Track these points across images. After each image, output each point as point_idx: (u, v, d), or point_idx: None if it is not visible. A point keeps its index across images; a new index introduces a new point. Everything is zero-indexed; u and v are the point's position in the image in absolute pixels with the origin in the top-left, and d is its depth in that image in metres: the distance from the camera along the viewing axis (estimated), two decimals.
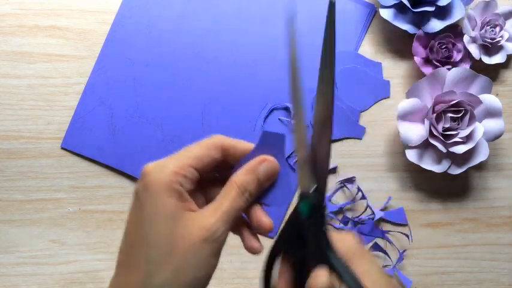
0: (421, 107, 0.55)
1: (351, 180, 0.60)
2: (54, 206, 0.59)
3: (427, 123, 0.54)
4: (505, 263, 0.60)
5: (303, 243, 0.32)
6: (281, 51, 0.60)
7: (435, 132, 0.54)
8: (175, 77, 0.59)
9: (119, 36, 0.60)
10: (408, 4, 0.55)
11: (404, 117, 0.55)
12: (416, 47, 0.57)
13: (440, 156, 0.56)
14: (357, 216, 0.59)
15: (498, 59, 0.58)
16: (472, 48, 0.57)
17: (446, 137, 0.54)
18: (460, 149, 0.54)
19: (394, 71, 0.60)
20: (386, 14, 0.57)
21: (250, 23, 0.60)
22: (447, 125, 0.54)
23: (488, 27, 0.57)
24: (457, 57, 0.58)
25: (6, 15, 0.60)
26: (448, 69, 0.55)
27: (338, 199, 0.60)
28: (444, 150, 0.54)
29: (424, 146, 0.56)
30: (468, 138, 0.54)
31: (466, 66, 0.58)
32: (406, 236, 0.59)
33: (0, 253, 0.59)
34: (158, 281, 0.27)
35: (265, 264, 0.34)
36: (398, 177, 0.60)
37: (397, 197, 0.59)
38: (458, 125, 0.54)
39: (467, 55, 0.58)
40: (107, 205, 0.59)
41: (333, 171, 0.60)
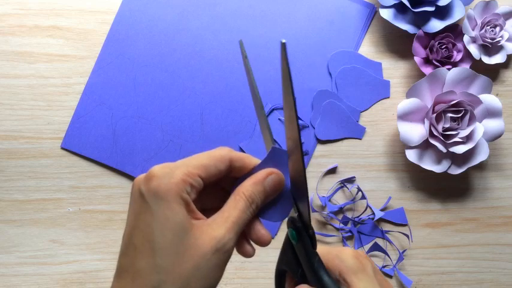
0: (421, 107, 0.55)
1: (351, 180, 0.60)
2: (54, 206, 0.59)
3: (427, 123, 0.54)
4: (505, 263, 0.60)
5: (300, 264, 0.33)
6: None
7: (435, 132, 0.54)
8: (175, 77, 0.59)
9: (119, 36, 0.60)
10: (408, 4, 0.55)
11: (404, 117, 0.55)
12: (416, 47, 0.57)
13: (440, 156, 0.56)
14: (357, 216, 0.59)
15: (498, 59, 0.58)
16: (472, 48, 0.57)
17: (446, 137, 0.54)
18: (460, 149, 0.54)
19: (394, 71, 0.60)
20: (386, 14, 0.57)
21: (250, 22, 0.60)
22: (447, 125, 0.54)
23: (488, 27, 0.57)
24: (457, 57, 0.58)
25: (6, 15, 0.60)
26: (448, 69, 0.55)
27: (338, 199, 0.60)
28: (444, 150, 0.54)
29: (424, 146, 0.56)
30: (468, 138, 0.54)
31: (466, 66, 0.58)
32: (406, 236, 0.59)
33: (0, 253, 0.59)
34: None
35: (275, 283, 0.35)
36: (398, 177, 0.60)
37: (397, 197, 0.60)
38: (458, 125, 0.54)
39: (467, 55, 0.58)
40: (106, 205, 0.59)
41: (333, 171, 0.60)
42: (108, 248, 0.59)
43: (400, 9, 0.58)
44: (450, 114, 0.53)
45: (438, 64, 0.57)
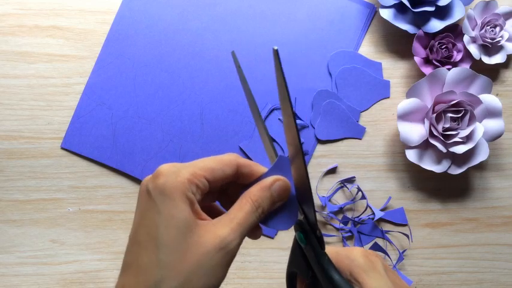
0: (421, 107, 0.55)
1: (351, 180, 0.60)
2: (54, 206, 0.59)
3: (427, 123, 0.54)
4: (505, 263, 0.60)
5: (310, 266, 0.33)
6: (281, 51, 0.59)
7: (435, 132, 0.54)
8: (175, 77, 0.59)
9: (118, 36, 0.60)
10: (408, 4, 0.55)
11: (404, 117, 0.55)
12: (417, 47, 0.57)
13: (440, 156, 0.56)
14: (357, 216, 0.59)
15: (498, 59, 0.58)
16: (472, 48, 0.57)
17: (446, 137, 0.54)
18: (460, 149, 0.54)
19: (394, 71, 0.60)
20: (386, 14, 0.57)
21: (250, 22, 0.60)
22: (447, 125, 0.54)
23: (488, 27, 0.57)
24: (457, 57, 0.58)
25: (6, 15, 0.60)
26: (448, 69, 0.55)
27: (338, 199, 0.60)
28: (444, 150, 0.54)
29: (424, 146, 0.56)
30: (468, 138, 0.54)
31: (466, 66, 0.58)
32: (406, 236, 0.59)
33: (0, 253, 0.59)
34: (168, 286, 0.26)
35: (287, 285, 0.36)
36: (398, 177, 0.60)
37: (397, 197, 0.60)
38: (458, 125, 0.54)
39: (467, 55, 0.58)
40: (106, 205, 0.59)
41: (333, 171, 0.60)
42: (108, 248, 0.59)
43: (400, 9, 0.58)
44: (450, 114, 0.53)
45: (438, 64, 0.57)
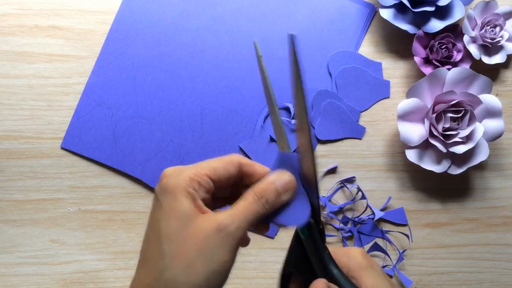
0: (421, 107, 0.55)
1: (351, 180, 0.60)
2: (54, 206, 0.59)
3: (427, 123, 0.54)
4: (505, 263, 0.60)
5: (309, 261, 0.34)
6: (281, 51, 0.60)
7: (435, 132, 0.54)
8: (175, 77, 0.59)
9: (118, 36, 0.60)
10: (408, 4, 0.55)
11: (404, 117, 0.55)
12: (417, 47, 0.57)
13: (440, 156, 0.56)
14: (357, 216, 0.59)
15: (498, 59, 0.58)
16: (472, 48, 0.57)
17: (446, 137, 0.54)
18: (460, 149, 0.54)
19: (394, 71, 0.60)
20: (386, 14, 0.57)
21: (250, 22, 0.60)
22: (447, 125, 0.54)
23: (488, 27, 0.57)
24: (457, 57, 0.58)
25: (6, 15, 0.60)
26: (448, 69, 0.55)
27: (338, 199, 0.60)
28: (444, 150, 0.54)
29: (424, 146, 0.56)
30: (468, 138, 0.54)
31: (466, 66, 0.58)
32: (406, 236, 0.59)
33: (0, 253, 0.59)
34: (170, 275, 0.27)
35: (279, 283, 0.36)
36: (398, 177, 0.60)
37: (397, 196, 0.60)
38: (458, 125, 0.54)
39: (467, 55, 0.58)
40: (106, 205, 0.59)
41: (333, 171, 0.60)
42: (108, 248, 0.59)
43: (400, 9, 0.58)
44: (450, 114, 0.53)
45: (438, 64, 0.57)
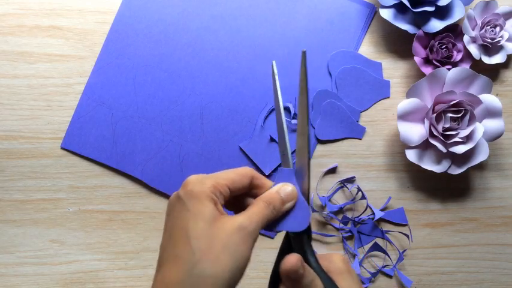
0: (421, 107, 0.55)
1: (351, 180, 0.60)
2: (54, 206, 0.59)
3: (427, 123, 0.54)
4: (505, 263, 0.60)
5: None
6: (281, 51, 0.60)
7: (435, 132, 0.54)
8: (175, 77, 0.59)
9: (118, 36, 0.60)
10: (408, 4, 0.55)
11: (404, 117, 0.55)
12: (416, 47, 0.57)
13: (440, 156, 0.56)
14: (357, 216, 0.59)
15: (498, 59, 0.58)
16: (472, 48, 0.57)
17: (446, 137, 0.54)
18: (460, 149, 0.54)
19: (394, 71, 0.60)
20: (386, 14, 0.57)
21: (250, 22, 0.60)
22: (447, 125, 0.54)
23: (488, 27, 0.57)
24: (457, 57, 0.58)
25: (6, 15, 0.60)
26: (448, 69, 0.55)
27: (338, 199, 0.60)
28: (444, 150, 0.54)
29: (424, 146, 0.56)
30: (468, 138, 0.54)
31: (466, 66, 0.58)
32: (406, 236, 0.59)
33: (0, 253, 0.59)
34: (200, 269, 0.31)
35: (270, 280, 0.38)
36: (398, 177, 0.60)
37: (396, 197, 0.60)
38: (458, 125, 0.54)
39: (467, 55, 0.58)
40: (106, 205, 0.59)
41: (333, 171, 0.60)
42: (108, 248, 0.59)
43: (400, 9, 0.58)
44: (450, 114, 0.53)
45: (438, 64, 0.57)
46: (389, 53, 0.61)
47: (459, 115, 0.54)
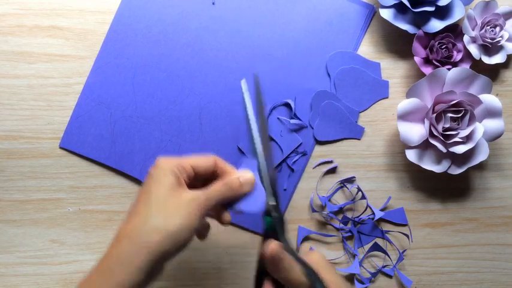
0: (421, 107, 0.55)
1: (351, 180, 0.60)
2: (54, 206, 0.59)
3: (427, 123, 0.54)
4: (505, 263, 0.60)
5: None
6: (280, 51, 0.59)
7: (435, 132, 0.54)
8: (174, 77, 0.59)
9: (117, 36, 0.60)
10: (408, 4, 0.55)
11: (404, 117, 0.55)
12: (416, 47, 0.57)
13: (440, 156, 0.55)
14: (357, 216, 0.59)
15: (498, 59, 0.58)
16: (472, 48, 0.57)
17: (446, 137, 0.54)
18: (460, 149, 0.54)
19: (394, 71, 0.60)
20: (386, 14, 0.57)
21: (249, 23, 0.60)
22: (447, 125, 0.54)
23: (488, 27, 0.57)
24: (457, 57, 0.58)
25: (6, 15, 0.60)
26: (448, 69, 0.55)
27: (338, 199, 0.60)
28: (444, 150, 0.54)
29: (424, 146, 0.56)
30: (468, 138, 0.54)
31: (466, 66, 0.58)
32: (406, 236, 0.59)
33: (0, 253, 0.59)
34: (153, 221, 0.38)
35: (254, 282, 0.44)
36: (398, 177, 0.60)
37: (396, 197, 0.59)
38: (458, 125, 0.54)
39: (467, 55, 0.58)
40: (106, 205, 0.59)
41: (333, 171, 0.60)
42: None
43: (400, 9, 0.58)
44: (450, 114, 0.53)
45: (438, 64, 0.57)
46: (389, 53, 0.61)
47: (459, 115, 0.54)
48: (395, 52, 0.61)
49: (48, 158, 0.59)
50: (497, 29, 0.57)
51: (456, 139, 0.54)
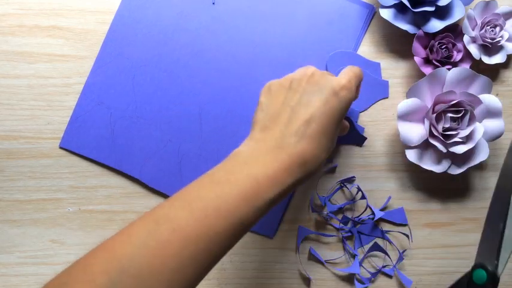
0: (421, 107, 0.55)
1: (350, 180, 0.60)
2: (54, 206, 0.59)
3: (427, 123, 0.54)
4: None
5: None
6: (279, 51, 0.59)
7: (435, 132, 0.54)
8: (174, 76, 0.59)
9: (117, 36, 0.60)
10: (408, 4, 0.55)
11: (404, 117, 0.55)
12: (417, 47, 0.57)
13: (440, 156, 0.55)
14: (357, 216, 0.59)
15: (498, 59, 0.58)
16: (472, 48, 0.57)
17: (446, 137, 0.54)
18: (460, 149, 0.54)
19: (394, 71, 0.60)
20: (386, 14, 0.57)
21: (249, 23, 0.60)
22: (447, 125, 0.54)
23: (488, 27, 0.57)
24: (457, 57, 0.58)
25: (6, 15, 0.60)
26: (448, 69, 0.55)
27: (338, 199, 0.60)
28: (444, 150, 0.54)
29: (424, 146, 0.56)
30: (468, 138, 0.54)
31: (466, 66, 0.58)
32: (406, 236, 0.59)
33: (0, 253, 0.59)
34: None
35: None
36: (398, 177, 0.60)
37: (397, 197, 0.59)
38: (458, 125, 0.54)
39: (467, 55, 0.58)
40: (106, 205, 0.59)
41: (333, 171, 0.60)
42: None
43: (400, 9, 0.58)
44: (450, 114, 0.53)
45: (438, 64, 0.57)
46: (389, 53, 0.61)
47: (459, 115, 0.54)
48: (395, 52, 0.61)
49: (48, 158, 0.59)
50: (497, 29, 0.57)
51: (456, 139, 0.54)
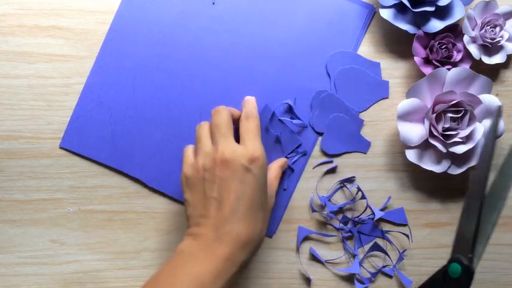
0: (421, 107, 0.55)
1: (350, 180, 0.60)
2: (54, 206, 0.59)
3: (427, 123, 0.54)
4: (505, 263, 0.60)
5: None
6: (280, 51, 0.59)
7: (435, 132, 0.54)
8: (175, 77, 0.59)
9: (117, 36, 0.60)
10: (408, 4, 0.55)
11: (404, 117, 0.55)
12: (417, 47, 0.57)
13: (440, 156, 0.55)
14: (357, 216, 0.59)
15: (498, 59, 0.58)
16: (472, 48, 0.57)
17: (446, 137, 0.54)
18: (460, 149, 0.54)
19: (393, 71, 0.60)
20: (386, 14, 0.57)
21: (250, 23, 0.60)
22: (447, 125, 0.54)
23: (488, 27, 0.57)
24: (457, 57, 0.58)
25: (6, 15, 0.60)
26: (448, 69, 0.55)
27: (338, 199, 0.60)
28: (444, 150, 0.54)
29: (424, 146, 0.56)
30: (468, 138, 0.54)
31: (466, 66, 0.58)
32: (406, 236, 0.59)
33: (0, 253, 0.59)
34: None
35: None
36: (398, 177, 0.60)
37: (396, 196, 0.59)
38: (458, 125, 0.54)
39: (467, 55, 0.58)
40: (106, 205, 0.59)
41: (333, 171, 0.60)
42: (108, 248, 0.59)
43: (400, 9, 0.58)
44: (450, 114, 0.53)
45: (438, 64, 0.57)
46: (389, 53, 0.61)
47: (459, 115, 0.54)
48: (395, 52, 0.61)
49: (48, 158, 0.59)
50: (497, 29, 0.57)
51: (456, 139, 0.54)
